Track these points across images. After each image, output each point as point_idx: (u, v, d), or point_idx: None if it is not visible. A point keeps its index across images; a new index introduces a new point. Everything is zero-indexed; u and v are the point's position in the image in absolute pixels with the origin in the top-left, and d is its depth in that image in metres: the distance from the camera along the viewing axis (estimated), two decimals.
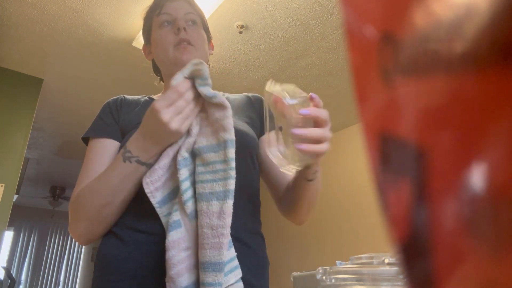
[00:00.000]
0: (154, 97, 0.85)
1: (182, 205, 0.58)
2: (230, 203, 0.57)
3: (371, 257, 0.71)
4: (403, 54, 0.13)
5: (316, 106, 0.58)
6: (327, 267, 0.73)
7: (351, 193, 3.23)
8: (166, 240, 0.56)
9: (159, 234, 0.61)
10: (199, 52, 0.80)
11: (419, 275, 0.12)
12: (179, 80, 0.62)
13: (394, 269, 0.62)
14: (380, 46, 0.14)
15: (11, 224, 6.26)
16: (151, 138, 0.62)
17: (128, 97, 0.83)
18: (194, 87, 0.63)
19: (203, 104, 0.65)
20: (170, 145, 0.63)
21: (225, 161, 0.59)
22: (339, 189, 3.36)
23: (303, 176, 0.67)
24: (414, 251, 0.12)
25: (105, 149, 0.73)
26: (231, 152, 0.59)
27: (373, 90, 0.14)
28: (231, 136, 0.60)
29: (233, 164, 0.59)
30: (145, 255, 0.61)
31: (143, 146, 0.63)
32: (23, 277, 6.37)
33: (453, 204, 0.11)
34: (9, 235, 6.41)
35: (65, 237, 6.91)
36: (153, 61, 0.90)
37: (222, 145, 0.60)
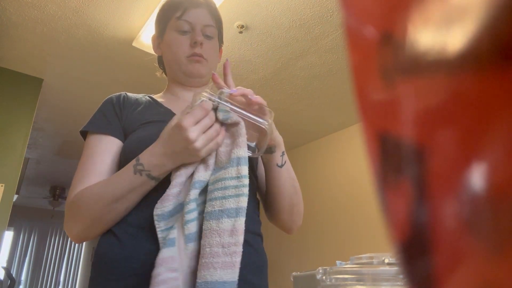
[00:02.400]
0: (155, 96, 0.85)
1: (181, 225, 0.56)
2: (242, 220, 0.54)
3: (371, 257, 0.71)
4: (403, 54, 0.13)
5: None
6: (327, 267, 0.73)
7: (351, 193, 3.23)
8: (157, 256, 0.54)
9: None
10: (210, 65, 0.82)
11: (419, 275, 0.12)
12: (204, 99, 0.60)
13: (394, 269, 0.62)
14: (380, 46, 0.14)
15: (11, 224, 6.27)
16: (170, 155, 0.60)
17: (130, 94, 0.83)
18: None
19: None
20: (184, 166, 0.61)
21: (238, 177, 0.57)
22: (339, 189, 3.36)
23: (272, 163, 0.69)
24: (414, 251, 0.12)
25: (106, 146, 0.72)
26: (245, 170, 0.57)
27: (373, 90, 0.14)
28: (244, 153, 0.58)
29: (246, 181, 0.56)
30: (145, 254, 0.61)
31: (159, 162, 0.61)
32: (23, 277, 6.37)
33: (453, 204, 0.11)
34: (9, 235, 6.41)
35: (65, 237, 6.92)
36: (159, 56, 0.91)
37: (234, 161, 0.58)
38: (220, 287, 0.50)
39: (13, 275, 5.52)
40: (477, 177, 0.10)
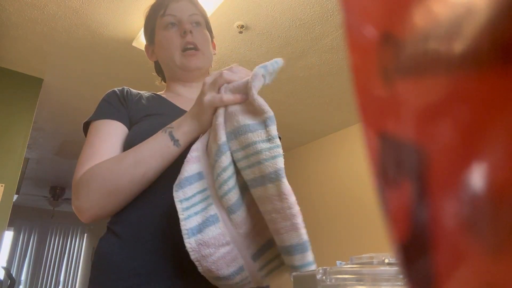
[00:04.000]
0: (159, 93, 0.85)
1: (217, 199, 0.55)
2: (285, 182, 0.52)
3: (371, 257, 0.71)
4: (403, 54, 0.13)
5: None
6: (327, 267, 0.73)
7: (351, 193, 3.23)
8: (202, 237, 0.52)
9: (163, 230, 0.60)
10: (205, 55, 0.81)
11: (419, 275, 0.12)
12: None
13: (394, 269, 0.62)
14: (380, 46, 0.14)
15: (11, 224, 6.26)
16: (191, 114, 0.61)
17: (132, 89, 0.82)
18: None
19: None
20: (199, 139, 0.60)
21: (269, 139, 0.54)
22: (339, 189, 3.36)
23: None
24: (414, 251, 0.12)
25: (115, 130, 0.69)
26: (274, 130, 0.54)
27: (373, 90, 0.14)
28: (270, 113, 0.55)
29: (278, 141, 0.54)
30: (147, 253, 0.60)
31: (182, 119, 0.62)
32: (23, 277, 6.37)
33: (453, 203, 0.11)
34: (9, 235, 6.41)
35: (65, 237, 6.92)
36: (156, 62, 0.90)
37: (261, 124, 0.54)
38: (291, 250, 0.51)
39: (13, 275, 5.52)
40: (477, 177, 0.10)
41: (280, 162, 0.53)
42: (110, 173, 0.60)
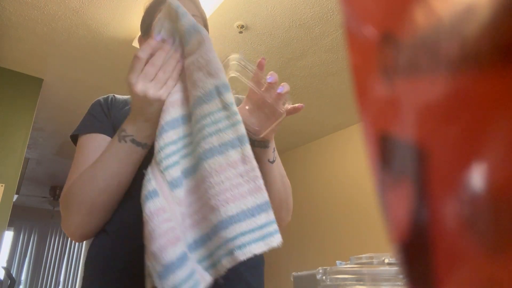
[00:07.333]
0: None
1: (158, 174, 0.52)
2: (248, 147, 0.52)
3: (371, 257, 0.71)
4: (403, 54, 0.13)
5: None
6: (327, 267, 0.73)
7: (351, 193, 3.23)
8: (143, 212, 0.49)
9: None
10: None
11: (419, 275, 0.12)
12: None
13: (394, 269, 0.62)
14: (380, 46, 0.14)
15: (11, 224, 6.26)
16: (139, 113, 0.59)
17: (118, 96, 0.82)
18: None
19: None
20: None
21: (225, 107, 0.53)
22: (339, 189, 3.36)
23: (264, 158, 0.68)
24: (414, 251, 0.12)
25: (99, 144, 0.70)
26: (229, 97, 0.53)
27: (373, 90, 0.14)
28: (220, 80, 0.53)
29: (234, 108, 0.52)
30: (138, 252, 0.61)
31: (136, 123, 0.60)
32: (23, 277, 6.37)
33: (453, 204, 0.11)
34: (9, 235, 6.41)
35: (65, 237, 6.91)
36: None
37: (213, 92, 0.53)
38: (258, 210, 0.49)
39: (13, 275, 5.52)
40: (477, 177, 0.10)
41: (241, 129, 0.52)
42: (87, 193, 0.61)
